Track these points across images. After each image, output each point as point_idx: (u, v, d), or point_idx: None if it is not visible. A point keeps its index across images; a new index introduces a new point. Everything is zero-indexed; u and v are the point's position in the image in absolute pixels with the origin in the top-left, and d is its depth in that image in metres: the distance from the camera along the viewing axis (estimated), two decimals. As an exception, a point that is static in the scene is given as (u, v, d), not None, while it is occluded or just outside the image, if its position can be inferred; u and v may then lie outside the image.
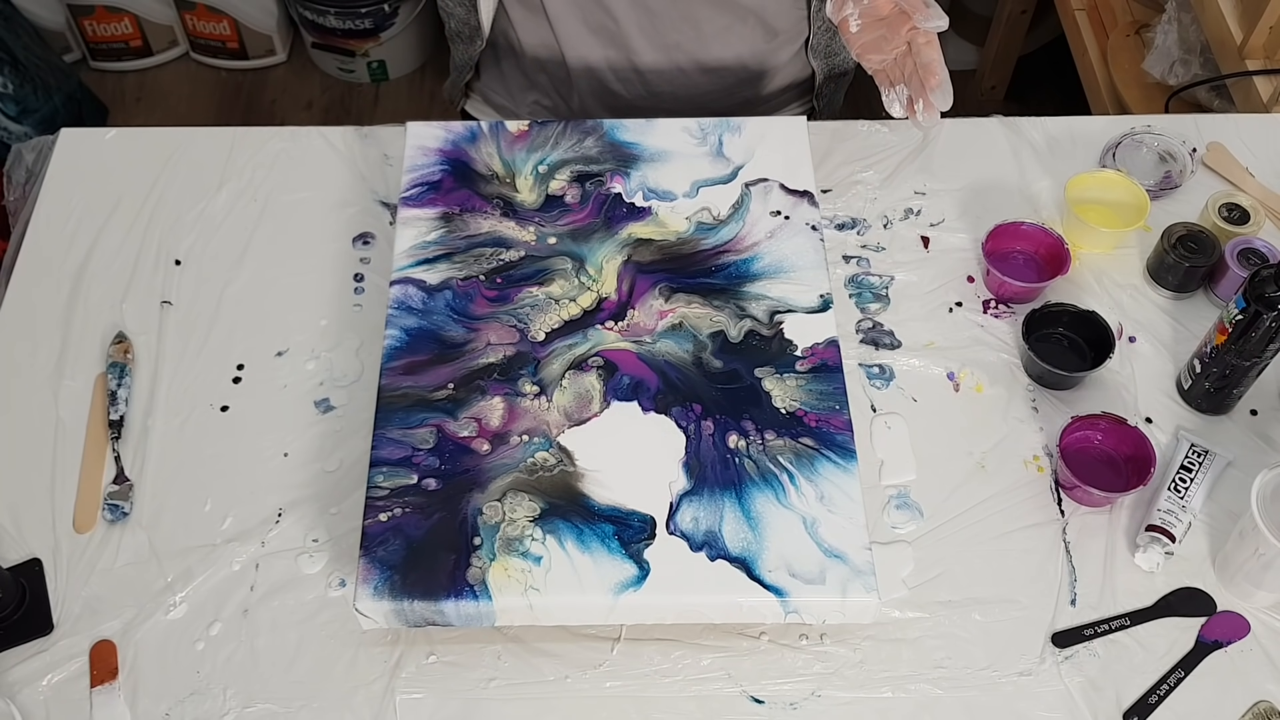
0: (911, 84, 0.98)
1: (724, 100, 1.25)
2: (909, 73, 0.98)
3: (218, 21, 2.34)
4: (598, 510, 0.87)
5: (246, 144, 1.20)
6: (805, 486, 0.89)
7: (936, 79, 0.95)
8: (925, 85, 0.96)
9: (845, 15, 0.98)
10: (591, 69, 1.22)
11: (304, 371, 1.05)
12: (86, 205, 1.16)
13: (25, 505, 0.97)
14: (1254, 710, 0.89)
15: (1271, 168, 1.20)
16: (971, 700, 0.89)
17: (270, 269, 1.12)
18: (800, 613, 0.85)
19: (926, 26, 0.94)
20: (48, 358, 1.06)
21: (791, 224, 1.04)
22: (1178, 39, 1.65)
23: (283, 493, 0.98)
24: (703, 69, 1.22)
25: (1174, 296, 1.10)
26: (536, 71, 1.25)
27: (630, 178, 1.07)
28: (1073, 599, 0.94)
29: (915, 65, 0.97)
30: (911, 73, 0.97)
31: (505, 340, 0.96)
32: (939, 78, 0.95)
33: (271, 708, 0.88)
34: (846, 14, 0.98)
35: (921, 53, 0.96)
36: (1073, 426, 0.99)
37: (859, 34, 0.99)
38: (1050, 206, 1.17)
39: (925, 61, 0.96)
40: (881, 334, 1.08)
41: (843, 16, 0.99)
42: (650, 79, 1.22)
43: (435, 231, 1.03)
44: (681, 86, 1.23)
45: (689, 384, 0.94)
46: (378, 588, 0.84)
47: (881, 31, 0.98)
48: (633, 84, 1.23)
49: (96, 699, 0.88)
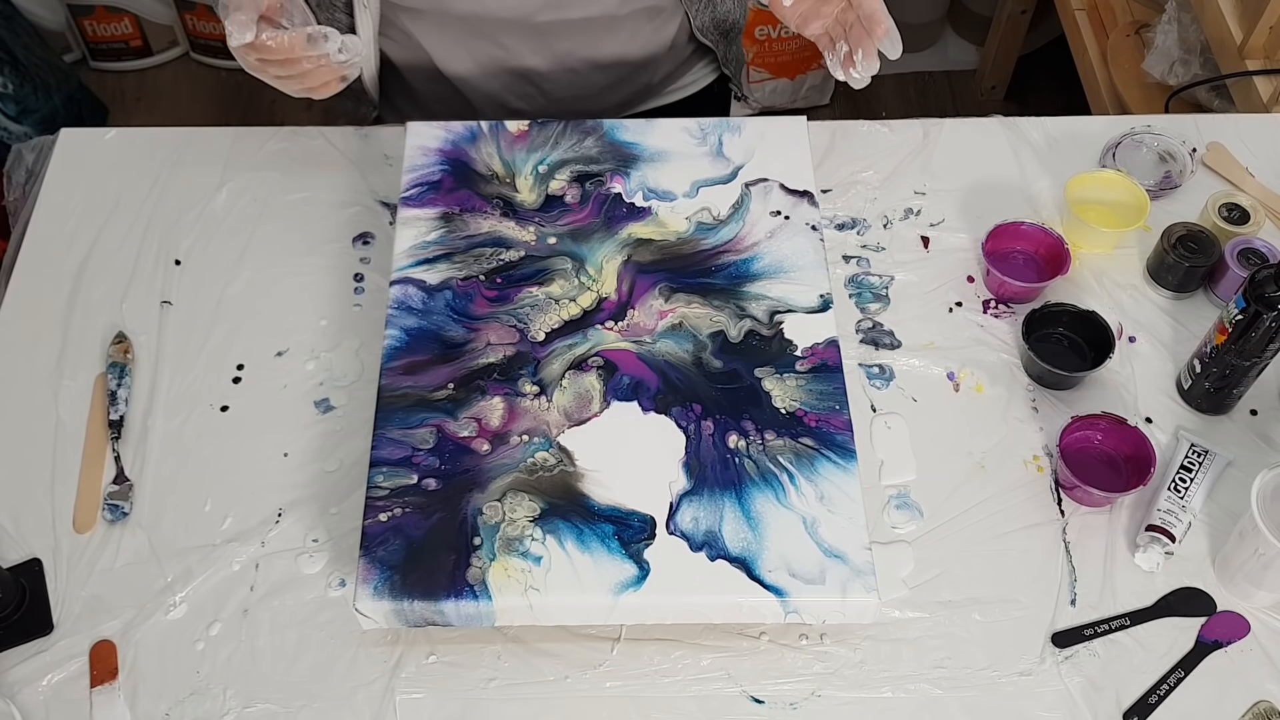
0: (853, 35, 0.93)
1: (625, 90, 1.24)
2: (850, 25, 0.93)
3: (218, 21, 2.33)
4: (598, 510, 0.87)
5: (246, 144, 1.20)
6: (805, 486, 0.89)
7: (883, 28, 0.91)
8: (872, 35, 0.92)
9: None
10: (489, 95, 1.22)
11: (304, 371, 1.05)
12: (86, 205, 1.16)
13: (25, 505, 0.97)
14: (1254, 710, 0.89)
15: (1271, 168, 1.20)
16: (971, 700, 0.89)
17: (270, 269, 1.12)
18: (800, 613, 0.85)
19: None
20: (48, 358, 1.06)
21: (791, 224, 1.04)
22: (1178, 39, 1.65)
23: (283, 493, 0.98)
24: (595, 66, 1.20)
25: (1174, 296, 1.10)
26: (434, 103, 1.25)
27: (630, 178, 1.07)
28: (1073, 599, 0.94)
29: (858, 18, 0.93)
30: (854, 25, 0.93)
31: (505, 340, 0.96)
32: (885, 25, 0.91)
33: (271, 708, 0.88)
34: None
35: (864, 4, 0.92)
36: (1073, 426, 0.99)
37: (794, 5, 0.95)
38: (1050, 206, 1.17)
39: (869, 12, 0.92)
40: (881, 334, 1.08)
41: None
42: (548, 89, 1.22)
43: (435, 231, 1.03)
44: (580, 89, 1.22)
45: (689, 384, 0.94)
46: (378, 588, 0.84)
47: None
48: (533, 98, 1.23)
49: (96, 699, 0.88)
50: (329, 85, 0.94)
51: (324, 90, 0.94)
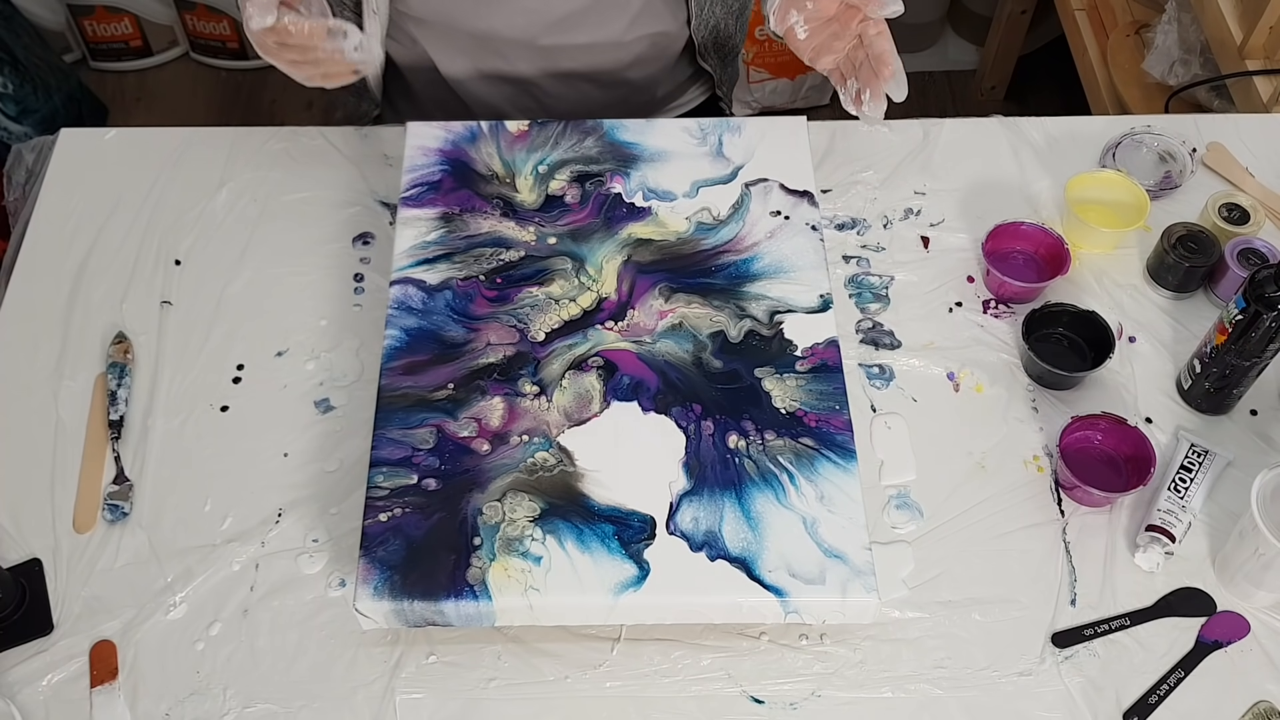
0: (862, 75, 0.95)
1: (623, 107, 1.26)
2: (860, 64, 0.95)
3: (218, 21, 2.34)
4: (598, 510, 0.87)
5: (246, 144, 1.20)
6: (805, 486, 0.89)
7: (889, 68, 0.93)
8: (878, 76, 0.93)
9: (790, 25, 0.96)
10: (490, 104, 1.23)
11: (304, 371, 1.05)
12: (86, 205, 1.16)
13: (25, 505, 0.97)
14: (1254, 710, 0.89)
15: (1271, 168, 1.20)
16: (971, 700, 0.89)
17: (270, 269, 1.12)
18: (800, 613, 0.85)
19: (881, 14, 0.91)
20: (48, 358, 1.06)
21: (791, 224, 1.04)
22: (1178, 39, 1.65)
23: (283, 493, 0.98)
24: (597, 85, 1.22)
25: (1174, 296, 1.10)
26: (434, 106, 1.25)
27: (630, 178, 1.07)
28: (1073, 599, 0.94)
29: (867, 57, 0.94)
30: (863, 63, 0.94)
31: (505, 340, 0.96)
32: (891, 67, 0.93)
33: (271, 708, 0.88)
34: (791, 23, 0.96)
35: (874, 44, 0.93)
36: (1073, 426, 0.98)
37: (808, 39, 0.96)
38: (1050, 206, 1.17)
39: (877, 52, 0.93)
40: (881, 334, 1.08)
41: (788, 26, 0.96)
42: (548, 103, 1.23)
43: (435, 231, 1.03)
44: (579, 104, 1.23)
45: (689, 384, 0.94)
46: (378, 588, 0.84)
47: (832, 29, 0.95)
48: (532, 110, 1.24)
49: (96, 699, 0.88)
50: (341, 76, 0.94)
51: (335, 80, 0.95)
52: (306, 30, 0.89)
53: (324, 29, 0.89)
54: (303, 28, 0.89)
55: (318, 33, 0.89)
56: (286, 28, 0.89)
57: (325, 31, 0.90)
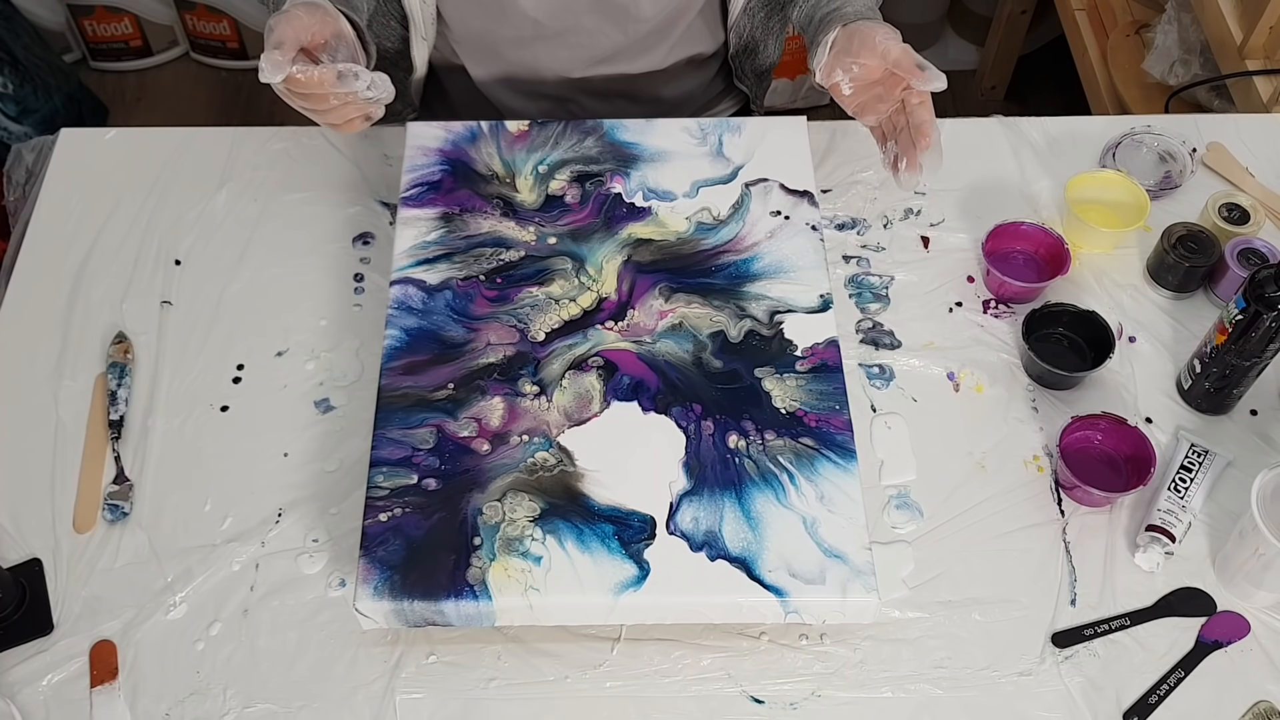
0: (901, 141, 0.96)
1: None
2: (900, 129, 0.97)
3: (218, 21, 2.34)
4: (598, 510, 0.87)
5: (246, 144, 1.20)
6: (805, 486, 0.89)
7: (928, 139, 0.94)
8: (916, 145, 0.95)
9: (835, 81, 0.98)
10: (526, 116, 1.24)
11: (304, 371, 1.05)
12: (86, 205, 1.16)
13: (25, 505, 0.97)
14: (1254, 710, 0.89)
15: (1271, 168, 1.20)
16: (971, 700, 0.89)
17: (270, 269, 1.12)
18: (800, 613, 0.85)
19: (924, 89, 0.93)
20: (48, 358, 1.06)
21: (791, 224, 1.04)
22: (1178, 39, 1.65)
23: (283, 493, 0.98)
24: (633, 103, 1.24)
25: (1174, 296, 1.10)
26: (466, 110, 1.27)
27: (630, 178, 1.07)
28: (1073, 599, 0.94)
29: (908, 124, 0.96)
30: (903, 129, 0.96)
31: (505, 340, 0.96)
32: (930, 139, 0.94)
33: (271, 708, 0.88)
34: (837, 80, 0.98)
35: (915, 112, 0.95)
36: (1073, 426, 0.99)
37: (852, 96, 0.98)
38: (1050, 206, 1.17)
39: (918, 122, 0.95)
40: (881, 334, 1.08)
41: (833, 82, 0.98)
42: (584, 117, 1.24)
43: (435, 231, 1.03)
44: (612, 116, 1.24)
45: (689, 384, 0.94)
46: (378, 588, 0.84)
47: (875, 91, 0.97)
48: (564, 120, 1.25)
49: (96, 699, 0.88)
50: (354, 123, 0.95)
51: (348, 127, 0.95)
52: (316, 77, 0.89)
53: (333, 74, 0.90)
54: (311, 75, 0.89)
55: (327, 79, 0.90)
56: (295, 76, 0.89)
57: (335, 77, 0.90)
